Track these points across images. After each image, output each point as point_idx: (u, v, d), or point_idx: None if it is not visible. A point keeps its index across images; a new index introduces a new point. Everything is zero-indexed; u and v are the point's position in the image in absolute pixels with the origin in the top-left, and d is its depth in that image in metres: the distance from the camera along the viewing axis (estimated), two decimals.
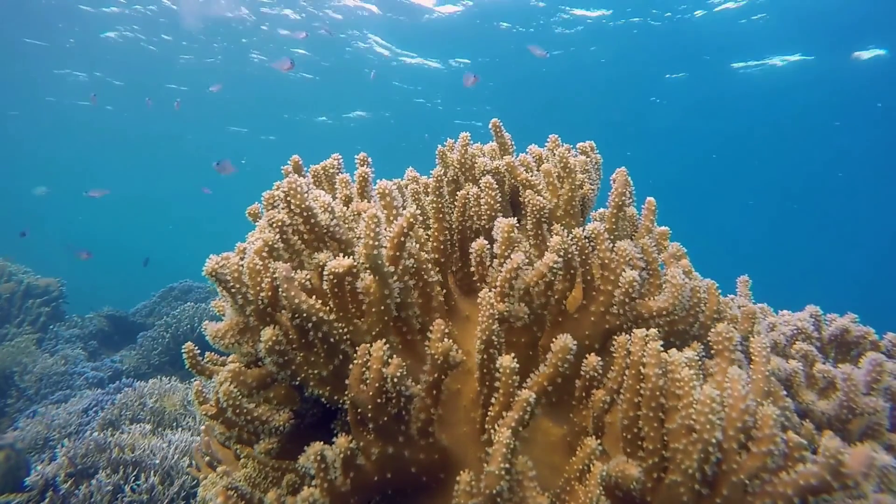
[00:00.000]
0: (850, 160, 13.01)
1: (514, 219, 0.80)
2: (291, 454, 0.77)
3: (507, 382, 0.66)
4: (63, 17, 9.32)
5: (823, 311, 1.12)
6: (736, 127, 12.27)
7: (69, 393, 3.56)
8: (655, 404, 0.63)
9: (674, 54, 9.64)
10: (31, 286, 4.69)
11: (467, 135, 0.99)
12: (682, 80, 10.64)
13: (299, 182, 0.74)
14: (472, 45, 9.73)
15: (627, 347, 0.69)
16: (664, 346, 0.65)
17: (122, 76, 11.62)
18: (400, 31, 9.53)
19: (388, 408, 0.66)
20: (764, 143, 13.06)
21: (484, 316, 0.68)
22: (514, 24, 9.12)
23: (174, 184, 23.50)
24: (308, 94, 12.19)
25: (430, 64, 10.69)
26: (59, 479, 1.91)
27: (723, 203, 19.18)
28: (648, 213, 0.97)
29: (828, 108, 10.70)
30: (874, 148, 12.00)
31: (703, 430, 0.58)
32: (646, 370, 0.63)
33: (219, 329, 0.73)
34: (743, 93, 10.68)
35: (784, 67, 9.82)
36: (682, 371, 0.62)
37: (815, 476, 0.55)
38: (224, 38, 10.11)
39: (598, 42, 9.38)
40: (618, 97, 11.21)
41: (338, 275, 0.68)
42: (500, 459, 0.59)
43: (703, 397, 0.59)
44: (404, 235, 0.71)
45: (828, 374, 0.87)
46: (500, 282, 0.73)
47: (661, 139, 13.30)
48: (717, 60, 9.73)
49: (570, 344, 0.67)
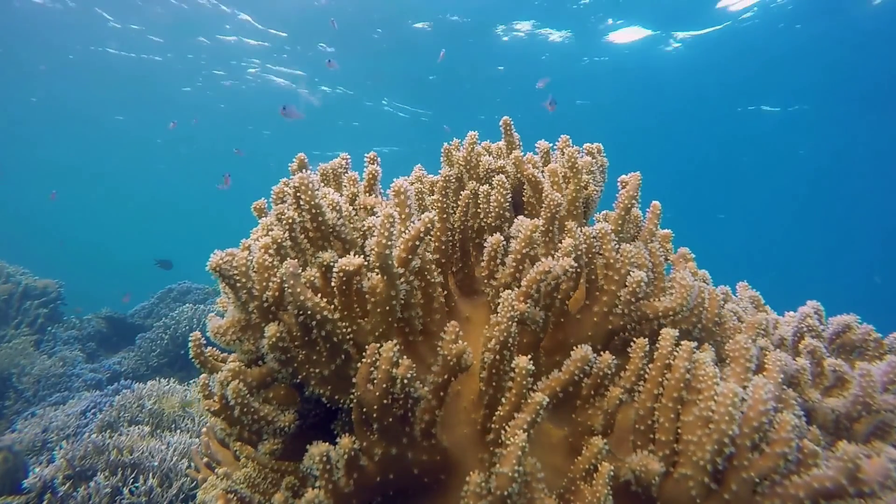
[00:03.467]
0: (850, 161, 13.07)
1: (539, 220, 0.80)
2: (291, 455, 0.77)
3: (521, 384, 0.65)
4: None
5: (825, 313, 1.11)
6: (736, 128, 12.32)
7: (67, 395, 3.55)
8: (677, 395, 0.64)
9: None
10: (30, 287, 4.67)
11: (475, 133, 0.99)
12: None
13: (310, 178, 0.74)
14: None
15: (646, 348, 0.71)
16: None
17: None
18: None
19: (394, 409, 0.66)
20: (764, 144, 13.11)
21: (503, 316, 0.67)
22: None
23: (174, 184, 23.53)
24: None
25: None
26: (57, 481, 1.90)
27: (723, 203, 19.24)
28: (653, 216, 0.98)
29: (831, 107, 10.74)
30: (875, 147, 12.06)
31: (721, 422, 0.59)
32: (675, 362, 0.65)
33: (220, 326, 0.73)
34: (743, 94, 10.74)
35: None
36: (708, 368, 0.63)
37: (830, 480, 0.54)
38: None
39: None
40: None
41: (348, 273, 0.67)
42: (514, 461, 0.58)
43: (726, 391, 0.60)
44: (420, 239, 0.70)
45: (839, 367, 0.87)
46: (528, 283, 0.73)
47: (662, 139, 13.34)
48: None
49: (589, 354, 0.68)
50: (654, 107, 11.40)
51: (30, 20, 9.20)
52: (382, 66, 10.27)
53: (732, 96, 10.80)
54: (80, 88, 11.98)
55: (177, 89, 12.03)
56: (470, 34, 9.09)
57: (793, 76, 9.73)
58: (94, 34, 9.77)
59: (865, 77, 9.42)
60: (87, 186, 25.10)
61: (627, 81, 10.24)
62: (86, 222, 36.98)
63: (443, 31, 9.02)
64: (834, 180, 14.84)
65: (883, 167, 13.11)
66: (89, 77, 11.38)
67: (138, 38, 9.95)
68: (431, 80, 10.91)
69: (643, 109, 11.51)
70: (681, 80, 10.06)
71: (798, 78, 9.77)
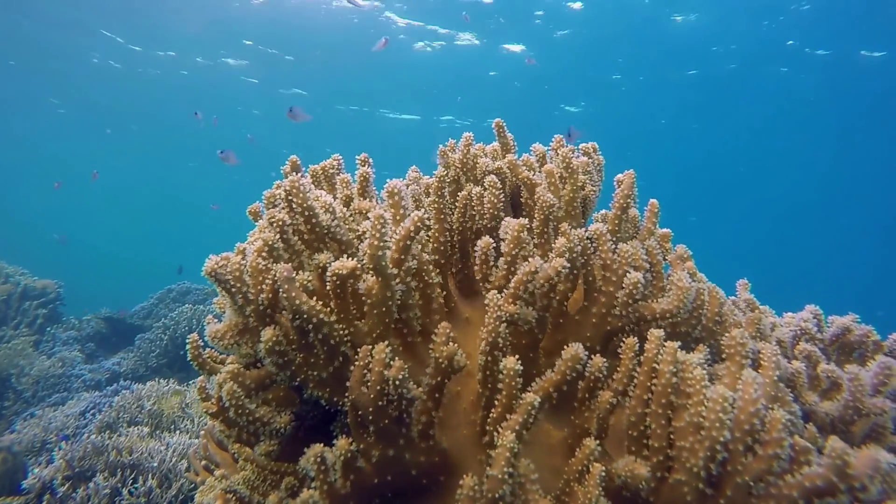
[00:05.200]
0: (851, 161, 13.07)
1: (525, 220, 0.80)
2: (290, 457, 0.77)
3: (510, 385, 0.65)
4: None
5: (824, 313, 1.11)
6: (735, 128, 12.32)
7: (66, 395, 3.55)
8: (665, 401, 0.63)
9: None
10: (29, 288, 4.67)
11: (470, 135, 0.99)
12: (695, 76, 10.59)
13: (301, 181, 0.74)
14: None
15: (636, 348, 0.70)
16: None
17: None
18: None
19: (390, 410, 0.66)
20: (762, 145, 13.11)
21: (491, 318, 0.67)
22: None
23: (173, 185, 23.48)
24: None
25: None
26: (56, 482, 1.90)
27: (722, 203, 19.22)
28: (651, 215, 0.97)
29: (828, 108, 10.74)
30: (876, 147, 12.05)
31: (712, 428, 0.58)
32: (660, 367, 0.64)
33: (218, 330, 0.73)
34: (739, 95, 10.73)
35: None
36: (695, 370, 0.62)
37: (821, 478, 0.54)
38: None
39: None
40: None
41: (341, 276, 0.67)
42: (503, 463, 0.58)
43: (715, 395, 0.59)
44: (410, 238, 0.70)
45: (832, 374, 0.87)
46: (515, 283, 0.73)
47: (662, 139, 13.34)
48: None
49: (580, 353, 0.67)
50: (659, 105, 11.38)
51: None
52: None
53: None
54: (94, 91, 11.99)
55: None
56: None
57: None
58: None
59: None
60: (86, 186, 25.06)
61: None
62: (86, 222, 36.93)
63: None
64: (835, 180, 14.84)
65: (883, 167, 13.10)
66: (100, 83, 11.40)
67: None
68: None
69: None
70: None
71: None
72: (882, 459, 0.54)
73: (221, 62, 11.02)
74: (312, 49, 10.24)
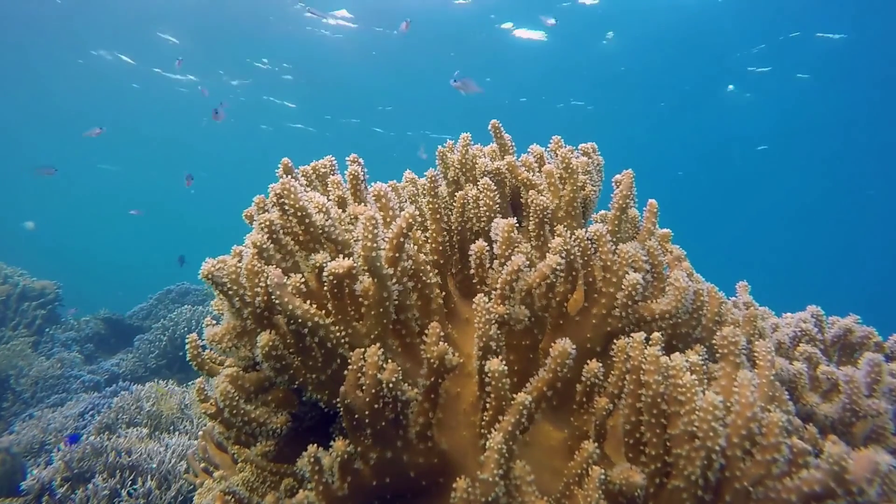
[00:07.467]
0: (852, 163, 13.06)
1: (514, 219, 0.79)
2: (290, 458, 0.76)
3: (498, 386, 0.65)
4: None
5: (825, 314, 1.11)
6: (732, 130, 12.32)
7: (65, 396, 3.55)
8: (657, 411, 0.62)
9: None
10: (28, 289, 4.67)
11: (468, 135, 0.98)
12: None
13: (293, 183, 0.73)
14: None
15: (627, 352, 0.68)
16: (666, 349, 0.64)
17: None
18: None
19: (386, 413, 0.66)
20: (763, 144, 13.11)
21: (480, 321, 0.67)
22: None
23: (172, 184, 23.46)
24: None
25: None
26: (55, 483, 1.90)
27: (721, 204, 19.22)
28: (650, 215, 0.96)
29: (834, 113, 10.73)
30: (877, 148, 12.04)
31: (706, 438, 0.58)
32: (646, 377, 0.62)
33: (216, 333, 0.73)
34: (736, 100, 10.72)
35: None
36: (685, 377, 0.61)
37: (819, 482, 0.54)
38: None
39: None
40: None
41: (338, 276, 0.67)
42: (493, 466, 0.58)
43: (705, 404, 0.58)
44: (403, 237, 0.70)
45: (831, 375, 0.86)
46: (501, 284, 0.72)
47: (662, 140, 13.34)
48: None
49: (568, 348, 0.66)
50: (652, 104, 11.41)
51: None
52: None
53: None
54: (77, 93, 11.99)
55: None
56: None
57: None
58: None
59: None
60: (86, 186, 25.06)
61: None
62: (85, 223, 36.92)
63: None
64: (836, 180, 14.84)
65: (884, 167, 13.10)
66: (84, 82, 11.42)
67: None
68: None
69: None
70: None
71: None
72: (881, 462, 0.54)
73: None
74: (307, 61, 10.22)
